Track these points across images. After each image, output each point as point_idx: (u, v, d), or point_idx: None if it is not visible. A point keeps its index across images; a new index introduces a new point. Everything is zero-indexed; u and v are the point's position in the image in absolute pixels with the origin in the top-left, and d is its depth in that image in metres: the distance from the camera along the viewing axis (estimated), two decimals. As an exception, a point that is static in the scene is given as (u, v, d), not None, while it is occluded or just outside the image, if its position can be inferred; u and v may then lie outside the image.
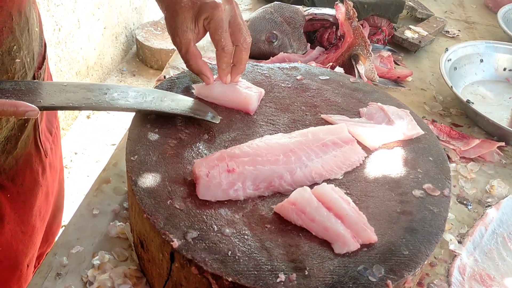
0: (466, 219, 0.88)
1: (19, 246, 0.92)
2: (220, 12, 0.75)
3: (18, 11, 0.75)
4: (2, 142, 0.81)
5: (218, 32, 0.76)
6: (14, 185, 0.88)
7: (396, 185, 0.71)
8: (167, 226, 0.60)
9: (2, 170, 0.84)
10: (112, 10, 3.22)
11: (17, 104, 0.64)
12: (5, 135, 0.81)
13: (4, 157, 0.83)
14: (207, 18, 0.75)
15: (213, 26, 0.76)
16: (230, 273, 0.56)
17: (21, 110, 0.64)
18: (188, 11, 0.76)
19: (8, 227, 0.87)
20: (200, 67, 0.78)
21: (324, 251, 0.60)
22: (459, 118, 1.15)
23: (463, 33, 1.55)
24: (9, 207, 0.87)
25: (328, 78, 0.92)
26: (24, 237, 0.93)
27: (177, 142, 0.73)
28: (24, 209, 0.92)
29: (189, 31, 0.76)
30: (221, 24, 0.76)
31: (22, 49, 0.78)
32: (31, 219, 0.95)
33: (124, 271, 0.70)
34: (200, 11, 0.75)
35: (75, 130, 2.85)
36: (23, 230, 0.93)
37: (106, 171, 0.87)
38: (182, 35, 0.76)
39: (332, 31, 1.24)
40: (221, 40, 0.76)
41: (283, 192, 0.68)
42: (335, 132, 0.76)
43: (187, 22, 0.76)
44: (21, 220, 0.91)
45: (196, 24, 0.76)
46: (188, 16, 0.76)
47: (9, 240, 0.88)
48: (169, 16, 0.78)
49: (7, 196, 0.86)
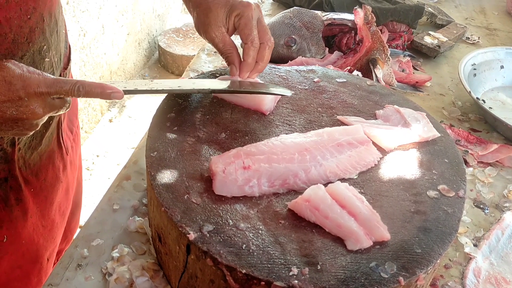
0: (483, 223, 0.87)
1: (40, 239, 0.95)
2: (251, 10, 0.81)
3: (49, 13, 0.79)
4: (28, 138, 0.84)
5: (248, 26, 0.81)
6: (38, 180, 0.91)
7: (411, 186, 0.72)
8: (184, 219, 0.62)
9: (27, 165, 0.87)
10: (136, 17, 3.29)
11: (103, 86, 0.67)
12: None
13: (29, 153, 0.86)
14: (239, 14, 0.81)
15: (243, 22, 0.81)
16: (244, 265, 0.57)
17: (108, 92, 0.67)
18: (221, 8, 0.81)
19: (31, 220, 0.91)
20: (234, 58, 0.83)
21: (337, 247, 0.61)
22: (478, 124, 1.15)
23: (484, 39, 1.54)
24: (32, 201, 0.90)
25: (345, 81, 0.93)
26: (44, 231, 0.96)
27: (195, 140, 0.75)
28: (45, 204, 0.95)
29: (222, 27, 0.81)
30: (251, 20, 0.81)
31: (51, 49, 0.81)
32: (51, 213, 0.98)
33: (142, 264, 0.72)
34: (232, 8, 0.81)
35: (98, 133, 2.91)
36: (44, 224, 0.96)
37: (127, 168, 0.90)
38: (216, 29, 0.81)
39: (350, 36, 1.25)
40: (251, 34, 0.81)
41: (298, 190, 0.69)
42: (350, 133, 0.77)
43: (221, 18, 0.81)
44: (42, 214, 0.95)
45: (227, 20, 0.81)
46: (221, 13, 0.81)
47: (31, 233, 0.92)
48: (201, 13, 0.82)
49: (30, 190, 0.89)
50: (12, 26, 0.70)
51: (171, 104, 0.81)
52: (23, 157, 0.85)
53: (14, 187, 0.84)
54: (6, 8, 0.68)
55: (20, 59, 0.74)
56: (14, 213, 0.85)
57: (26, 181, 0.88)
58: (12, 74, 0.63)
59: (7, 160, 0.81)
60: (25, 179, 0.87)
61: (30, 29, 0.74)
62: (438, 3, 1.72)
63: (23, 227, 0.89)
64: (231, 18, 0.81)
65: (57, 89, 0.65)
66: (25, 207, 0.88)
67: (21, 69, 0.64)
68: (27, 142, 0.84)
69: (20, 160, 0.84)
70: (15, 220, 0.86)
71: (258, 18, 0.83)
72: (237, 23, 0.81)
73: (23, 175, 0.86)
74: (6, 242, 0.86)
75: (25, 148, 0.84)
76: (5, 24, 0.69)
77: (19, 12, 0.71)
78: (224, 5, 0.81)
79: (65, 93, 0.66)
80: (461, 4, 1.78)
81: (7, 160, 0.81)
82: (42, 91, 0.64)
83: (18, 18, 0.71)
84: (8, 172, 0.82)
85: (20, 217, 0.87)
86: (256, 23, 0.82)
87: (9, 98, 0.63)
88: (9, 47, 0.71)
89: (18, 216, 0.87)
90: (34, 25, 0.75)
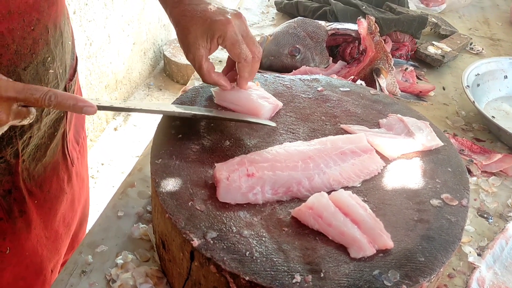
0: (486, 232, 0.87)
1: (44, 251, 0.95)
2: (232, 28, 0.77)
3: (54, 24, 0.79)
4: (32, 150, 0.84)
5: (236, 46, 0.78)
6: (42, 192, 0.91)
7: (414, 194, 0.72)
8: (188, 226, 0.62)
9: (32, 177, 0.87)
10: (141, 26, 3.32)
11: (77, 98, 0.64)
12: (36, 143, 0.85)
13: (34, 164, 0.86)
14: (221, 36, 0.77)
15: (229, 43, 0.78)
16: (247, 272, 0.57)
17: (80, 105, 0.64)
18: (199, 28, 0.78)
19: (35, 232, 0.90)
20: (214, 80, 0.81)
21: (340, 255, 0.61)
22: (482, 133, 1.15)
23: (488, 50, 1.55)
24: (36, 213, 0.90)
25: (349, 90, 0.94)
26: (48, 243, 0.96)
27: (200, 148, 0.75)
28: (49, 215, 0.95)
29: (201, 48, 0.78)
30: (236, 38, 0.78)
31: (56, 60, 0.82)
32: (54, 224, 0.98)
33: (146, 271, 0.73)
34: (212, 29, 0.77)
35: (103, 142, 2.92)
36: (47, 236, 0.96)
37: (131, 175, 0.90)
38: (195, 52, 0.78)
39: (354, 45, 1.26)
40: (241, 53, 0.78)
41: (301, 198, 0.69)
42: (353, 141, 0.77)
43: (199, 40, 0.78)
44: (45, 225, 0.94)
45: (208, 42, 0.78)
46: (199, 34, 0.78)
47: (35, 245, 0.91)
48: (180, 33, 0.80)
49: (34, 202, 0.89)
50: (15, 37, 0.70)
51: (176, 112, 0.82)
52: (27, 168, 0.85)
53: (18, 199, 0.84)
54: (8, 19, 0.68)
55: (23, 70, 0.74)
56: (17, 225, 0.85)
57: (30, 193, 0.87)
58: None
59: (11, 172, 0.81)
60: (29, 191, 0.87)
61: (33, 40, 0.74)
62: (442, 14, 1.73)
63: (27, 238, 0.88)
64: (214, 40, 0.78)
65: (27, 96, 0.61)
66: (29, 219, 0.88)
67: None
68: (31, 153, 0.84)
69: (24, 172, 0.84)
70: (19, 232, 0.86)
71: (243, 30, 0.79)
72: (222, 44, 0.78)
73: (27, 187, 0.86)
74: (9, 253, 0.85)
75: (29, 160, 0.84)
76: (7, 35, 0.69)
77: (22, 23, 0.71)
78: (202, 26, 0.77)
79: (34, 101, 0.62)
80: (464, 14, 1.79)
81: (11, 172, 0.81)
82: (10, 96, 0.60)
83: (21, 29, 0.71)
84: (12, 184, 0.82)
85: (24, 229, 0.87)
86: (241, 38, 0.79)
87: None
88: (11, 58, 0.71)
89: (21, 228, 0.86)
90: (38, 36, 0.75)
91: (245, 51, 0.79)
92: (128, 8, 3.03)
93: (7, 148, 0.78)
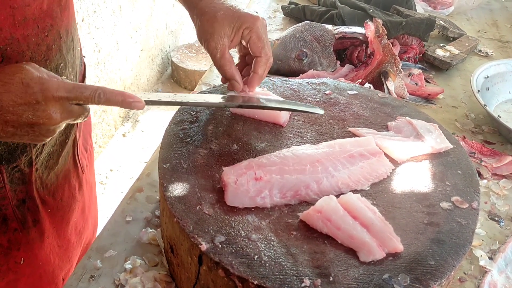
0: (498, 235, 0.86)
1: (56, 259, 0.95)
2: (260, 23, 0.80)
3: (66, 30, 0.79)
4: (45, 158, 0.85)
5: (261, 39, 0.79)
6: (54, 200, 0.91)
7: (424, 197, 0.71)
8: (196, 230, 0.62)
9: (45, 185, 0.87)
10: (149, 33, 3.34)
11: (125, 94, 0.66)
12: (48, 151, 0.85)
13: (46, 173, 0.87)
14: (248, 27, 0.79)
15: (255, 35, 0.79)
16: (256, 276, 0.57)
17: (129, 101, 0.65)
18: (228, 19, 0.79)
19: (47, 241, 0.90)
20: (233, 73, 0.81)
21: (350, 259, 0.61)
22: (492, 136, 1.14)
23: (497, 52, 1.54)
24: (49, 221, 0.90)
25: (357, 93, 0.93)
26: (60, 251, 0.96)
27: (208, 152, 0.75)
28: (61, 224, 0.95)
29: (226, 37, 0.79)
30: (261, 32, 0.79)
31: (68, 66, 0.82)
32: (67, 233, 0.98)
33: (154, 276, 0.72)
34: (240, 20, 0.78)
35: (111, 148, 2.94)
36: (60, 244, 0.95)
37: (140, 180, 0.90)
38: (218, 40, 0.78)
39: (362, 49, 1.26)
40: (264, 47, 0.80)
41: (310, 201, 0.69)
42: (362, 144, 0.77)
43: (225, 29, 0.78)
44: (58, 234, 0.94)
45: (233, 32, 0.79)
46: (226, 23, 0.78)
47: (48, 254, 0.91)
48: (205, 21, 0.79)
49: (47, 211, 0.89)
50: (30, 44, 0.71)
51: (183, 116, 0.82)
52: (40, 177, 0.85)
53: (32, 208, 0.84)
54: (23, 25, 0.69)
55: None
56: (31, 235, 0.85)
57: (43, 202, 0.87)
58: (31, 77, 0.61)
59: (25, 181, 0.81)
60: (42, 200, 0.87)
61: (47, 46, 0.75)
62: (450, 16, 1.72)
63: (40, 248, 0.88)
64: (240, 31, 0.79)
65: (77, 95, 0.63)
66: (42, 228, 0.88)
67: (40, 72, 0.62)
68: (44, 162, 0.85)
69: (38, 180, 0.84)
70: (32, 242, 0.86)
71: (264, 32, 0.81)
72: (247, 36, 0.79)
73: (40, 195, 0.86)
74: (23, 264, 0.85)
75: (42, 168, 0.85)
76: (22, 42, 0.70)
77: (37, 30, 0.71)
78: (231, 17, 0.79)
79: (84, 99, 0.64)
80: (473, 17, 1.78)
81: (25, 181, 0.81)
82: (61, 96, 0.62)
83: (35, 36, 0.72)
84: (26, 193, 0.82)
85: (37, 238, 0.87)
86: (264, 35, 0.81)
87: (26, 101, 0.60)
88: None
89: (35, 237, 0.86)
90: (52, 43, 0.76)
91: (266, 47, 0.80)
92: (136, 15, 3.05)
93: (22, 157, 0.78)
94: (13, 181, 0.79)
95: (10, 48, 0.68)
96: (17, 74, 0.60)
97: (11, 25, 0.67)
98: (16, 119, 0.61)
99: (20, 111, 0.61)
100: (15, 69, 0.61)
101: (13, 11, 0.67)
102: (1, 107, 0.60)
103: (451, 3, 1.74)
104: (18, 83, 0.60)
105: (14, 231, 0.82)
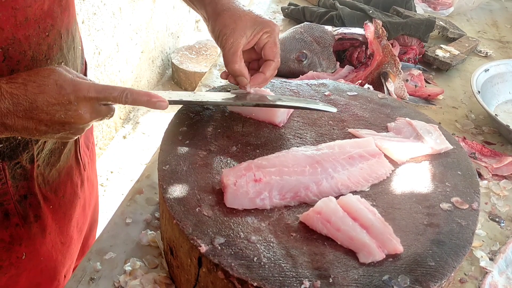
0: (498, 236, 0.86)
1: (58, 256, 0.96)
2: (277, 30, 0.85)
3: (66, 29, 0.80)
4: (47, 155, 0.85)
5: (277, 45, 0.85)
6: (56, 197, 0.92)
7: (424, 198, 0.71)
8: (196, 232, 0.62)
9: (46, 182, 0.88)
10: (149, 35, 3.34)
11: (150, 94, 0.69)
12: (50, 148, 0.86)
13: (48, 170, 0.87)
14: (268, 32, 0.83)
15: (272, 39, 0.84)
16: (255, 278, 0.57)
17: (154, 101, 0.69)
18: (251, 20, 0.82)
19: (49, 237, 0.91)
20: (241, 69, 0.83)
21: (349, 260, 0.61)
22: (492, 136, 1.14)
23: (497, 52, 1.54)
24: (51, 218, 0.91)
25: (356, 94, 0.93)
26: (63, 248, 0.97)
27: (207, 153, 0.75)
28: (64, 220, 0.96)
29: (245, 37, 0.82)
30: (277, 40, 0.85)
31: (69, 65, 0.83)
32: (69, 230, 0.99)
33: (154, 278, 0.72)
34: (262, 24, 0.83)
35: (112, 150, 2.94)
36: (62, 241, 0.96)
37: (139, 182, 0.90)
38: (237, 37, 0.81)
39: (361, 50, 1.26)
40: (278, 52, 0.85)
41: (309, 203, 0.69)
42: (362, 146, 0.77)
43: (246, 30, 0.82)
44: (60, 231, 0.95)
45: (253, 34, 0.82)
46: (249, 25, 0.82)
47: (50, 250, 0.92)
48: (229, 18, 0.82)
49: (49, 207, 0.90)
50: (31, 44, 0.72)
51: (183, 118, 0.82)
52: (42, 174, 0.86)
53: (33, 204, 0.85)
54: (25, 26, 0.70)
55: None
56: (33, 230, 0.86)
57: (45, 198, 0.88)
58: (64, 78, 0.65)
59: (26, 177, 0.82)
60: (44, 196, 0.88)
61: (48, 46, 0.76)
62: (450, 17, 1.72)
63: (42, 244, 0.89)
64: (259, 34, 0.83)
65: (106, 95, 0.67)
66: (44, 224, 0.89)
67: (72, 74, 0.66)
68: (45, 158, 0.85)
69: (39, 177, 0.85)
70: (34, 237, 0.87)
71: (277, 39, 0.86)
72: (265, 39, 0.83)
73: (42, 192, 0.87)
74: (24, 259, 0.86)
75: (44, 165, 0.85)
76: (24, 42, 0.71)
77: (38, 30, 0.73)
78: (254, 19, 0.83)
79: (113, 100, 0.67)
80: (472, 17, 1.78)
81: (26, 177, 0.82)
82: (92, 96, 0.66)
83: (36, 36, 0.73)
84: (28, 189, 0.83)
85: (39, 234, 0.88)
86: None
87: (59, 101, 0.64)
88: (28, 65, 0.73)
89: (36, 233, 0.87)
90: (52, 42, 0.77)
91: (278, 54, 0.85)
92: (136, 17, 3.05)
93: (23, 153, 0.79)
94: (15, 177, 0.80)
95: (12, 48, 0.70)
96: (51, 76, 0.64)
97: (13, 26, 0.68)
98: (49, 118, 0.65)
99: (53, 111, 0.64)
100: (48, 71, 0.65)
101: (15, 12, 0.68)
102: (36, 107, 0.63)
103: (451, 4, 1.74)
104: (53, 84, 0.64)
105: (15, 226, 0.83)
